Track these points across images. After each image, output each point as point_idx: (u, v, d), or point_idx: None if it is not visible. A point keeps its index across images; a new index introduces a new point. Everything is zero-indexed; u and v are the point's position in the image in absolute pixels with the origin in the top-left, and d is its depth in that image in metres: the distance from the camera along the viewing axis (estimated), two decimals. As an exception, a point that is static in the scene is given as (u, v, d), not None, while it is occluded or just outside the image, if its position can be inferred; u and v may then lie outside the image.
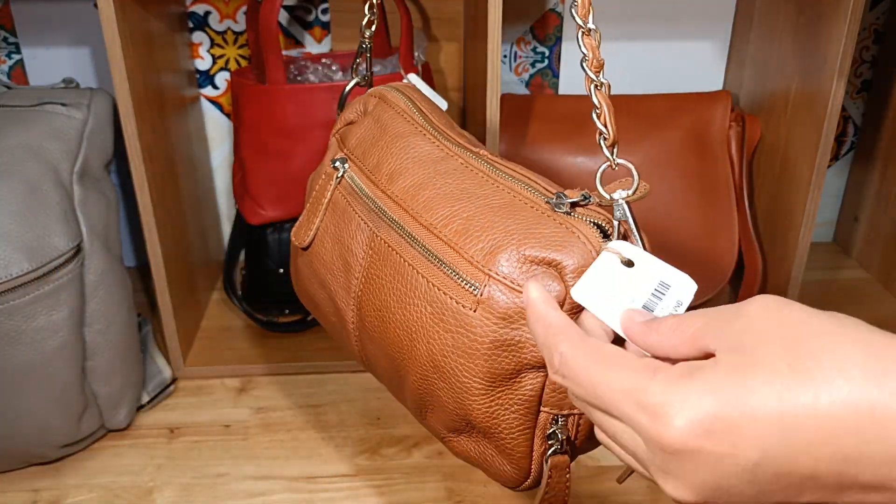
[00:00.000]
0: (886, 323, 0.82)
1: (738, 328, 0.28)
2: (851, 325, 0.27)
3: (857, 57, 0.90)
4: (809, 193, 0.71)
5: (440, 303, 0.39)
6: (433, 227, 0.40)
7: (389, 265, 0.42)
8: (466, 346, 0.38)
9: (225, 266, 0.83)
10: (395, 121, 0.47)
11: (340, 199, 0.47)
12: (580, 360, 0.31)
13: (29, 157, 0.59)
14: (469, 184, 0.41)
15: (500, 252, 0.37)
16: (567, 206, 0.38)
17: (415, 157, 0.44)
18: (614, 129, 0.39)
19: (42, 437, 0.61)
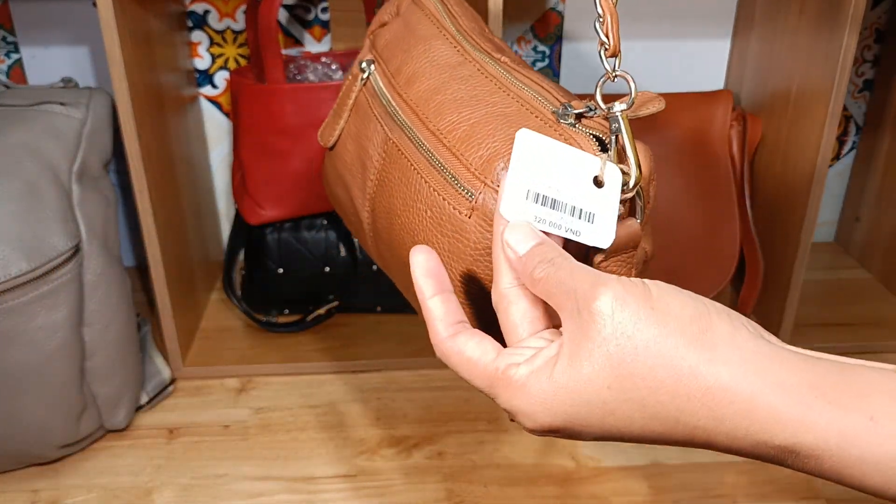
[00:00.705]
0: (887, 323, 0.82)
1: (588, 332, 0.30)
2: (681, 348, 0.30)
3: (858, 56, 0.90)
4: (811, 193, 0.71)
5: (439, 207, 0.39)
6: (440, 132, 0.40)
7: (398, 168, 0.43)
8: (461, 251, 0.39)
9: (224, 266, 0.83)
10: (421, 23, 0.46)
11: (364, 101, 0.47)
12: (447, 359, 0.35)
13: (28, 156, 0.59)
14: (480, 90, 0.41)
15: (497, 160, 0.38)
16: (572, 118, 0.38)
17: (433, 61, 0.44)
18: (616, 39, 0.38)
19: (41, 437, 0.61)
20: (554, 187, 0.36)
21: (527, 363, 0.32)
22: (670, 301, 0.30)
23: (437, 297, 0.36)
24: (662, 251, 0.84)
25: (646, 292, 0.31)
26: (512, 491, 0.62)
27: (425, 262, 0.36)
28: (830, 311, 0.84)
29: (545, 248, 0.34)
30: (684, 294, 0.31)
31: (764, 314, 0.81)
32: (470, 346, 0.34)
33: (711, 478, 0.63)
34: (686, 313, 0.30)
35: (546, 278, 0.32)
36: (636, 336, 0.29)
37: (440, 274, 0.36)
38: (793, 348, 0.31)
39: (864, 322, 0.83)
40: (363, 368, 0.75)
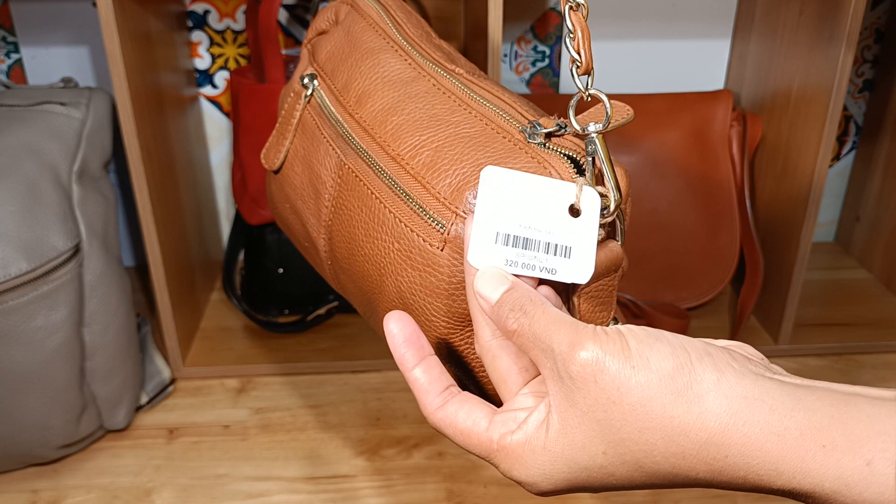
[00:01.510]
0: (887, 323, 0.82)
1: (573, 400, 0.30)
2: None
3: (858, 56, 0.90)
4: (811, 193, 0.71)
5: (407, 240, 0.37)
6: (401, 158, 0.38)
7: (357, 196, 0.40)
8: (433, 286, 0.37)
9: (224, 266, 0.83)
10: (365, 34, 0.44)
11: (310, 119, 0.44)
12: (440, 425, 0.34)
13: (28, 156, 0.59)
14: (440, 109, 0.39)
15: (467, 187, 0.36)
16: (541, 137, 0.36)
17: (385, 78, 0.41)
18: (588, 56, 0.35)
19: (41, 437, 0.61)
20: (525, 225, 0.33)
21: (520, 430, 0.31)
22: (650, 355, 0.29)
23: (420, 367, 0.35)
24: (662, 251, 0.84)
25: (624, 349, 0.30)
26: (512, 491, 0.62)
27: (402, 330, 0.35)
28: (831, 311, 0.84)
29: (515, 295, 0.32)
30: (663, 342, 0.30)
31: (764, 314, 0.81)
32: (461, 417, 0.33)
33: (711, 478, 0.63)
34: (667, 367, 0.29)
35: (520, 331, 0.31)
36: (622, 401, 0.29)
37: (418, 340, 0.35)
38: (785, 378, 0.30)
39: (864, 322, 0.83)
40: (363, 368, 0.75)
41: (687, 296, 0.82)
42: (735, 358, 0.30)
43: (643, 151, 0.82)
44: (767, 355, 0.86)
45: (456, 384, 0.35)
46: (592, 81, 0.36)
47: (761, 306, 0.81)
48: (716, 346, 0.31)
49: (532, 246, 0.34)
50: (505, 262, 0.33)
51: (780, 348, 0.78)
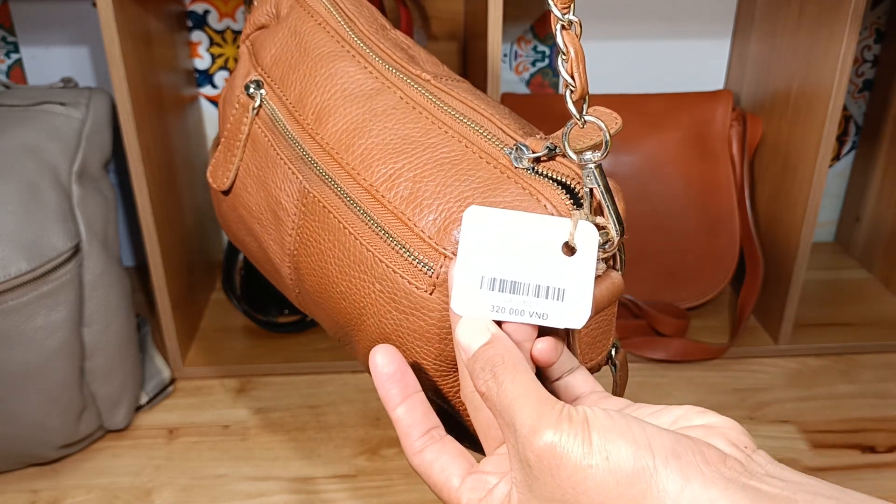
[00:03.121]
0: (888, 323, 0.82)
1: (531, 487, 0.29)
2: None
3: (858, 56, 0.90)
4: (811, 193, 0.71)
5: (390, 281, 0.34)
6: (375, 190, 0.34)
7: (326, 229, 0.36)
8: (423, 330, 0.34)
9: (224, 266, 0.83)
10: (316, 35, 0.39)
11: (260, 135, 0.40)
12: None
13: (27, 156, 0.59)
14: (411, 129, 0.35)
15: (455, 225, 0.33)
16: (528, 161, 0.33)
17: (345, 91, 0.37)
18: (583, 80, 0.32)
19: (40, 437, 0.61)
20: (513, 267, 0.31)
21: (482, 502, 0.31)
22: (610, 452, 0.27)
23: (403, 406, 0.34)
24: (662, 251, 0.84)
25: (585, 442, 0.27)
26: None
27: (387, 365, 0.34)
28: (831, 311, 0.84)
29: (491, 352, 0.30)
30: (628, 438, 0.27)
31: (764, 314, 0.81)
32: (436, 469, 0.33)
33: (711, 478, 0.63)
34: (626, 468, 0.27)
35: (487, 395, 0.30)
36: (577, 500, 0.27)
37: (404, 377, 0.34)
38: (763, 483, 0.27)
39: (864, 322, 0.83)
40: (363, 368, 0.75)
41: (687, 296, 0.82)
42: (708, 459, 0.27)
43: (643, 152, 0.82)
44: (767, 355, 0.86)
45: (440, 426, 0.34)
46: (588, 107, 0.33)
47: (761, 306, 0.81)
48: (687, 444, 0.28)
49: (521, 290, 0.31)
50: (491, 308, 0.31)
51: (779, 348, 0.78)
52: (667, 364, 0.77)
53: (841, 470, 0.64)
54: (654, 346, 0.77)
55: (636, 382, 0.74)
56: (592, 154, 0.32)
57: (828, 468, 0.64)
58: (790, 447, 0.66)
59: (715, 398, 0.72)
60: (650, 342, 0.77)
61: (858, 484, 0.62)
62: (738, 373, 0.76)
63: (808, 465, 0.64)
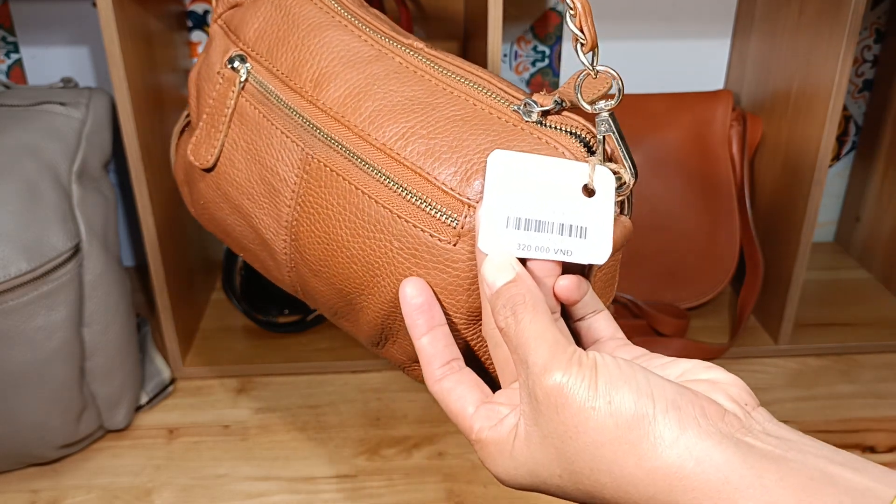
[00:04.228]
0: (887, 323, 0.82)
1: (538, 420, 0.30)
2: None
3: (858, 56, 0.90)
4: (811, 193, 0.71)
5: (411, 237, 0.34)
6: (388, 149, 0.35)
7: (334, 193, 0.36)
8: (447, 283, 0.35)
9: (224, 266, 0.83)
10: (303, 8, 0.39)
11: (249, 108, 0.40)
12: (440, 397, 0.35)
13: (27, 156, 0.59)
14: (417, 91, 0.36)
15: (478, 175, 0.34)
16: (538, 115, 0.34)
17: (342, 58, 0.37)
18: (592, 32, 0.33)
19: (40, 437, 0.61)
20: (537, 207, 0.32)
21: (494, 429, 0.32)
22: (613, 397, 0.29)
23: (428, 336, 0.35)
24: (662, 251, 0.84)
25: (591, 385, 0.29)
26: (512, 491, 0.62)
27: (417, 296, 0.35)
28: (830, 311, 0.84)
29: (514, 290, 0.31)
30: (631, 386, 0.29)
31: (764, 314, 0.81)
32: (454, 396, 0.34)
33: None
34: (626, 414, 0.28)
35: (506, 331, 0.31)
36: (578, 438, 0.29)
37: (431, 309, 0.35)
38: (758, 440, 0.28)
39: (864, 322, 0.83)
40: (363, 368, 0.75)
41: (687, 296, 0.82)
42: (706, 413, 0.28)
43: (643, 151, 0.82)
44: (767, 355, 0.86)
45: (460, 358, 0.36)
46: (598, 58, 0.34)
47: (761, 306, 0.81)
48: (689, 397, 0.29)
49: (545, 228, 0.32)
50: (517, 246, 0.32)
51: (779, 348, 0.78)
52: (667, 364, 0.77)
53: (841, 470, 0.64)
54: (654, 346, 0.77)
55: (636, 382, 0.74)
56: (605, 102, 0.34)
57: (828, 468, 0.64)
58: (790, 447, 0.66)
59: (715, 398, 0.72)
60: (650, 342, 0.77)
61: (858, 484, 0.63)
62: (739, 373, 0.75)
63: (808, 465, 0.64)
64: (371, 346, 0.42)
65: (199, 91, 0.43)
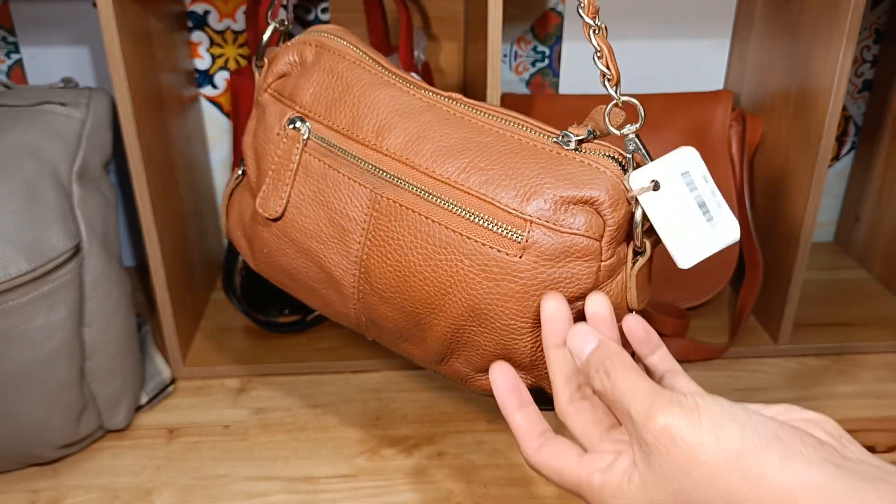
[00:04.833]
0: (887, 323, 0.82)
1: (650, 463, 0.33)
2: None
3: (858, 56, 0.90)
4: (810, 193, 0.71)
5: (481, 254, 0.40)
6: (452, 181, 0.40)
7: (405, 225, 0.42)
8: (514, 291, 0.39)
9: (224, 266, 0.83)
10: (353, 72, 0.45)
11: (313, 161, 0.45)
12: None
13: (28, 156, 0.59)
14: (468, 132, 0.41)
15: (535, 196, 0.39)
16: (574, 143, 0.40)
17: (397, 110, 0.43)
18: (616, 69, 0.41)
19: (40, 437, 0.61)
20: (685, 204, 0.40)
21: (605, 473, 0.35)
22: (720, 434, 0.32)
23: (521, 413, 0.40)
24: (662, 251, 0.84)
25: (696, 423, 0.32)
26: (512, 491, 0.62)
27: (504, 379, 0.40)
28: (830, 311, 0.85)
29: (601, 354, 0.36)
30: (736, 423, 0.32)
31: (763, 314, 0.81)
32: (554, 459, 0.38)
33: (711, 478, 0.63)
34: (734, 448, 0.31)
35: (603, 392, 0.36)
36: (691, 472, 0.31)
37: (520, 388, 0.40)
38: (854, 465, 0.31)
39: (864, 322, 0.83)
40: (363, 368, 0.75)
41: (686, 296, 0.82)
42: (806, 443, 0.31)
43: (643, 151, 0.82)
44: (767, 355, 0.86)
45: (549, 428, 0.40)
46: (620, 89, 0.42)
47: (761, 306, 0.81)
48: (788, 430, 0.32)
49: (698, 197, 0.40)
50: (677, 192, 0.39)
51: (779, 348, 0.78)
52: (667, 364, 0.77)
53: (841, 470, 0.64)
54: (653, 346, 0.77)
55: (636, 382, 0.74)
56: (630, 126, 0.40)
57: (827, 468, 0.64)
58: (790, 447, 0.66)
59: (715, 398, 0.72)
60: (650, 342, 0.77)
61: (858, 484, 0.63)
62: (738, 373, 0.76)
63: (808, 464, 0.65)
64: (434, 364, 0.47)
65: (257, 153, 0.48)
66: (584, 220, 0.38)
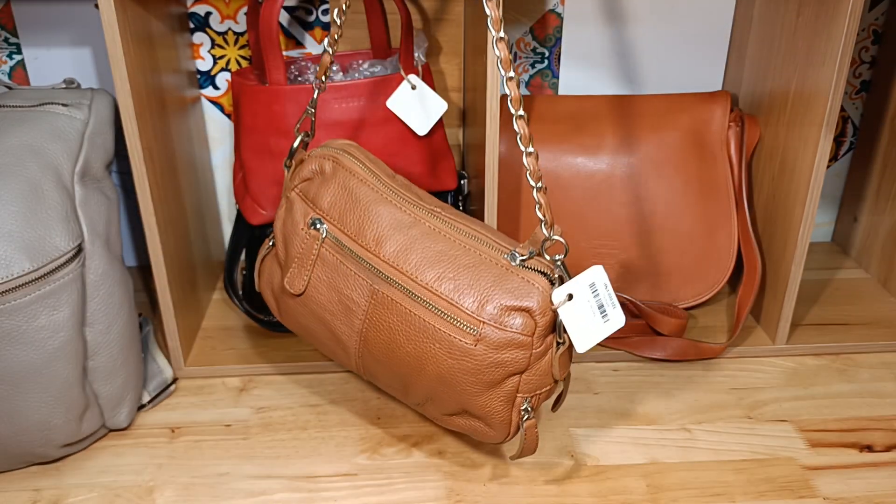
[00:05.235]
0: (885, 323, 0.83)
1: None
2: None
3: (856, 57, 0.90)
4: (808, 193, 0.71)
5: (448, 341, 0.52)
6: (429, 286, 0.53)
7: (395, 313, 0.54)
8: (470, 368, 0.52)
9: (226, 266, 0.83)
10: (360, 189, 0.57)
11: (328, 255, 0.57)
12: None
13: (30, 157, 0.60)
14: (443, 246, 0.54)
15: (487, 304, 0.52)
16: (519, 261, 0.52)
17: (391, 224, 0.55)
18: (551, 215, 0.52)
19: (43, 436, 0.61)
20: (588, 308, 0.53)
21: None
22: None
23: None
24: (661, 251, 0.85)
25: None
26: (511, 489, 0.62)
27: None
28: (828, 311, 0.85)
29: None
30: None
31: (762, 314, 0.81)
32: None
33: (709, 476, 0.64)
34: None
35: None
36: None
37: None
38: None
39: (861, 322, 0.83)
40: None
41: (685, 295, 0.82)
42: None
43: (642, 152, 0.83)
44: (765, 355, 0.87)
45: None
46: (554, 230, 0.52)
47: (759, 306, 0.82)
48: None
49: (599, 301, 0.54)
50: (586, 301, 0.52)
51: (777, 348, 0.78)
52: (665, 363, 0.77)
53: (839, 469, 0.64)
54: (652, 345, 0.78)
55: (635, 382, 0.75)
56: (559, 256, 0.53)
57: (826, 467, 0.65)
58: (788, 446, 0.67)
59: (713, 397, 0.73)
60: (649, 342, 0.78)
61: (856, 483, 0.63)
62: (737, 372, 0.76)
63: (807, 464, 0.65)
64: (413, 405, 0.60)
65: (285, 237, 0.60)
66: (521, 322, 0.51)
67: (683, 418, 0.70)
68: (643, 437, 0.68)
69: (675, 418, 0.70)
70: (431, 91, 0.76)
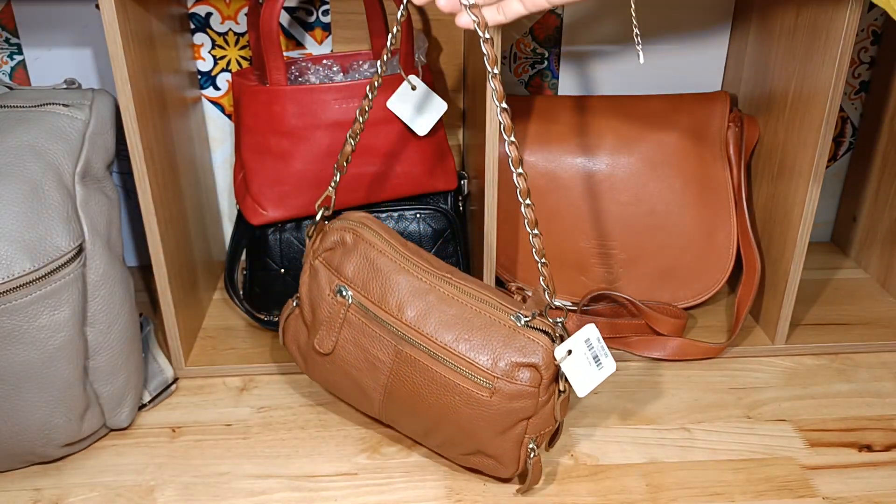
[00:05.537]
0: (884, 322, 0.83)
1: None
2: None
3: (855, 58, 0.91)
4: (807, 194, 0.71)
5: (467, 394, 0.59)
6: (448, 347, 0.59)
7: (418, 370, 0.60)
8: (486, 417, 0.59)
9: (226, 266, 0.83)
10: (380, 259, 0.63)
11: (354, 318, 0.63)
12: None
13: (31, 157, 0.60)
14: (457, 310, 0.60)
15: (499, 361, 0.58)
16: (524, 322, 0.59)
17: (410, 292, 0.62)
18: (554, 283, 0.59)
19: (44, 436, 0.62)
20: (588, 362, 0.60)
21: None
22: None
23: None
24: (660, 251, 0.85)
25: None
26: (511, 489, 0.63)
27: None
28: (827, 311, 0.85)
29: None
30: None
31: (761, 314, 0.81)
32: None
33: (709, 476, 0.64)
34: None
35: None
36: None
37: None
38: None
39: (860, 321, 0.83)
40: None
41: (684, 295, 0.82)
42: None
43: (641, 152, 0.83)
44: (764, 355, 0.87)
45: None
46: (555, 297, 0.61)
47: (758, 306, 0.82)
48: None
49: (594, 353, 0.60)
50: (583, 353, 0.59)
51: (776, 348, 0.79)
52: (665, 363, 0.77)
53: (837, 468, 0.64)
54: (652, 345, 0.78)
55: (635, 381, 0.75)
56: (560, 319, 0.59)
57: (824, 466, 0.65)
58: (787, 446, 0.67)
59: (712, 397, 0.73)
60: (648, 341, 0.78)
61: (855, 482, 0.63)
62: (736, 372, 0.76)
63: (806, 463, 0.65)
64: (433, 446, 0.65)
65: (311, 302, 0.65)
66: (529, 376, 0.58)
67: (683, 418, 0.70)
68: (642, 437, 0.68)
69: (675, 418, 0.70)
70: (431, 91, 0.76)
